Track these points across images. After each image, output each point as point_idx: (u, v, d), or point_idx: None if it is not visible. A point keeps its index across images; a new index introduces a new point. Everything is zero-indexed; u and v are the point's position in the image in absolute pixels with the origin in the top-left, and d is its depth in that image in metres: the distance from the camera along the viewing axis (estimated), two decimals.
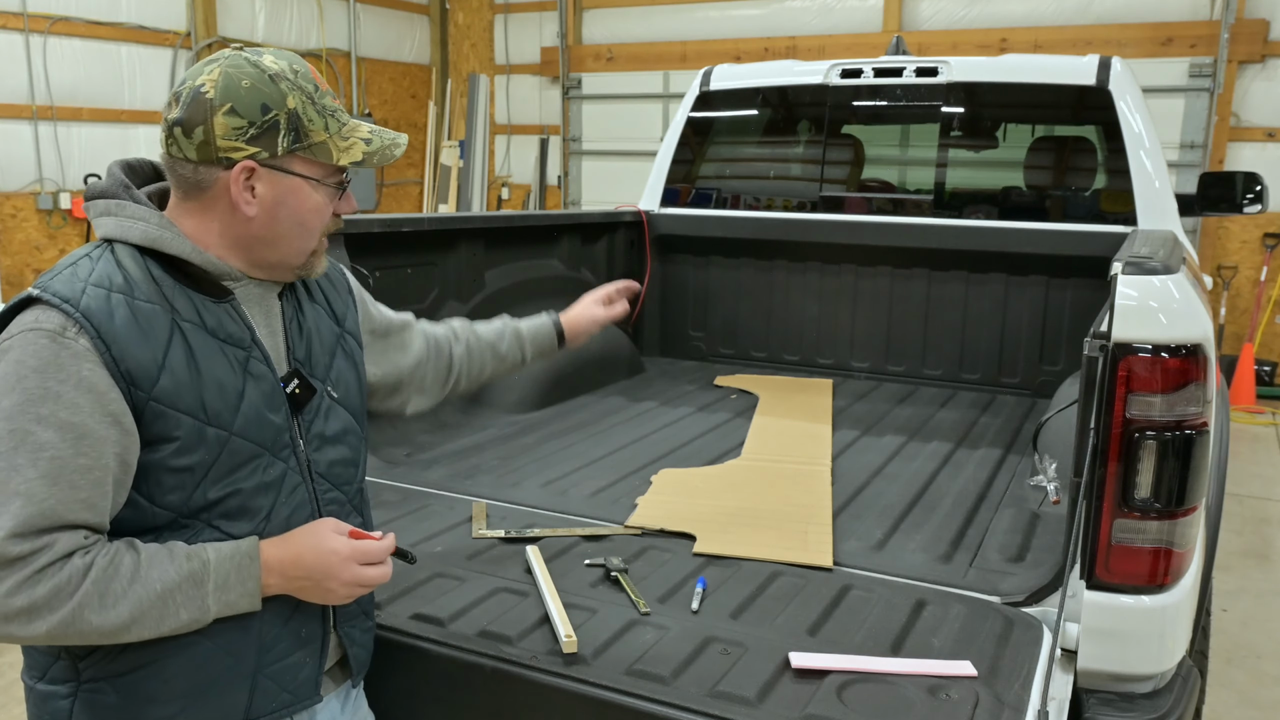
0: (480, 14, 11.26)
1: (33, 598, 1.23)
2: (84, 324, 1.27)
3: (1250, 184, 4.09)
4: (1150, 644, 1.78)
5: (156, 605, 1.30)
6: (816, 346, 4.17)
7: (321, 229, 1.46)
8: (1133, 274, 1.73)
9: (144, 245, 1.37)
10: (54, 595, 1.24)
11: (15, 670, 3.49)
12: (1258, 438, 6.93)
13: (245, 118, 1.35)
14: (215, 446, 1.35)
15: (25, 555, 1.23)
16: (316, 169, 1.42)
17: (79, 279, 1.32)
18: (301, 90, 1.40)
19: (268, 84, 1.37)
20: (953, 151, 3.97)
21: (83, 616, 1.25)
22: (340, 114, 1.44)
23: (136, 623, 1.29)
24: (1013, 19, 8.68)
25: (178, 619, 1.32)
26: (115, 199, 1.39)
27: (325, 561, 1.41)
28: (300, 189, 1.41)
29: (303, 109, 1.39)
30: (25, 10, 7.48)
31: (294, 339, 1.51)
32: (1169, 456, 1.71)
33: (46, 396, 1.25)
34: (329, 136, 1.41)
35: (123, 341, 1.29)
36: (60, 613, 1.24)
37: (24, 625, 1.24)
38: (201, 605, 1.33)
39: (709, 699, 1.57)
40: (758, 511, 2.41)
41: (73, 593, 1.25)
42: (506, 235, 3.60)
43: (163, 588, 1.30)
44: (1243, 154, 8.04)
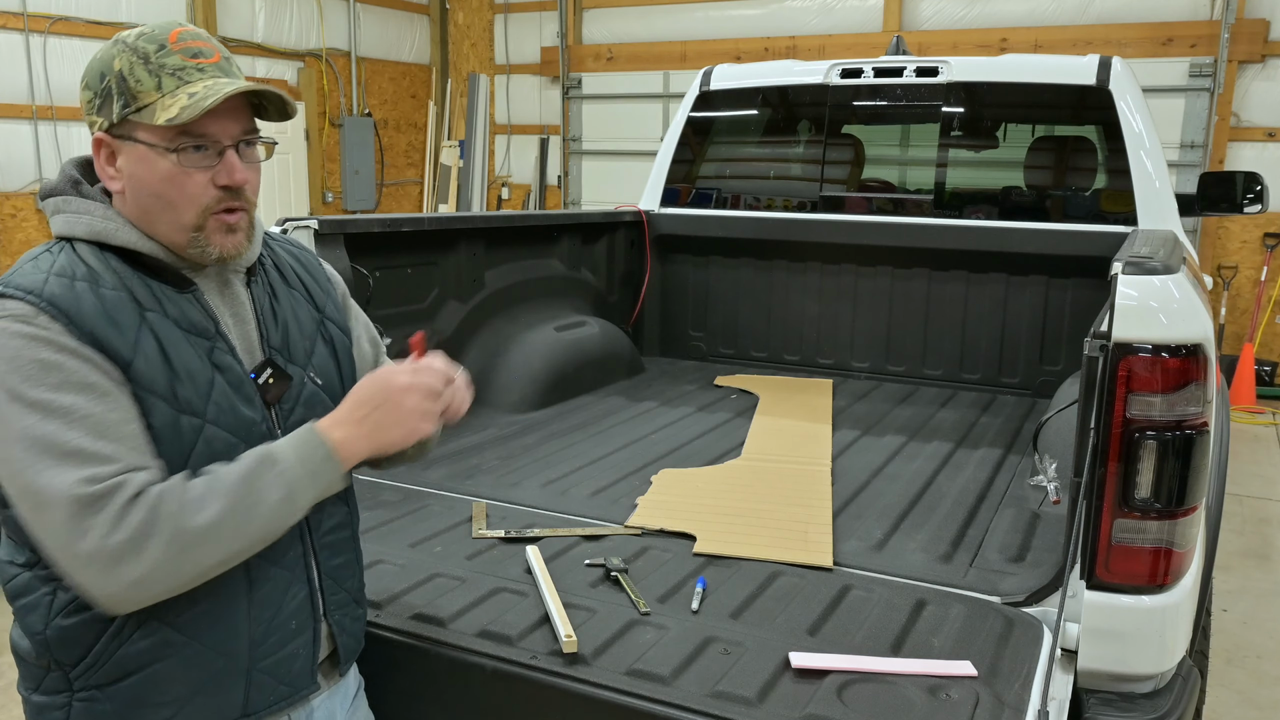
0: (480, 14, 11.26)
1: (131, 528, 1.20)
2: (52, 311, 1.25)
3: (1250, 184, 4.09)
4: (1150, 644, 1.78)
5: (244, 491, 1.27)
6: (816, 346, 4.17)
7: (191, 200, 1.33)
8: (1133, 274, 1.73)
9: (90, 239, 1.34)
10: (150, 517, 1.21)
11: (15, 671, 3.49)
12: (1258, 438, 6.93)
13: (91, 88, 1.34)
14: (191, 435, 1.32)
15: (105, 494, 1.21)
16: (155, 134, 1.31)
17: (40, 271, 1.29)
18: (135, 52, 1.31)
19: (107, 51, 1.34)
20: (953, 151, 3.96)
21: (183, 525, 1.22)
22: (189, 72, 1.32)
23: (234, 515, 1.26)
24: (1013, 19, 8.68)
25: (269, 501, 1.29)
26: (63, 195, 1.37)
27: (383, 383, 1.40)
28: (146, 157, 1.32)
29: (129, 70, 1.31)
30: (25, 10, 7.48)
31: (268, 326, 1.46)
32: (1169, 456, 1.71)
33: (48, 367, 1.23)
34: (160, 96, 1.30)
35: (92, 326, 1.26)
36: (163, 530, 1.21)
37: (135, 558, 1.20)
38: (286, 482, 1.31)
39: (709, 699, 1.57)
40: (758, 511, 2.41)
41: (165, 508, 1.22)
42: (506, 235, 3.60)
43: (240, 474, 1.28)
44: (1243, 154, 8.04)
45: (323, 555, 1.50)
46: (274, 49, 9.49)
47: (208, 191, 1.34)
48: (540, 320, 3.62)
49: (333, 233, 2.69)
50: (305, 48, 9.85)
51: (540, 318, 3.64)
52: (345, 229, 2.75)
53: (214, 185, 1.34)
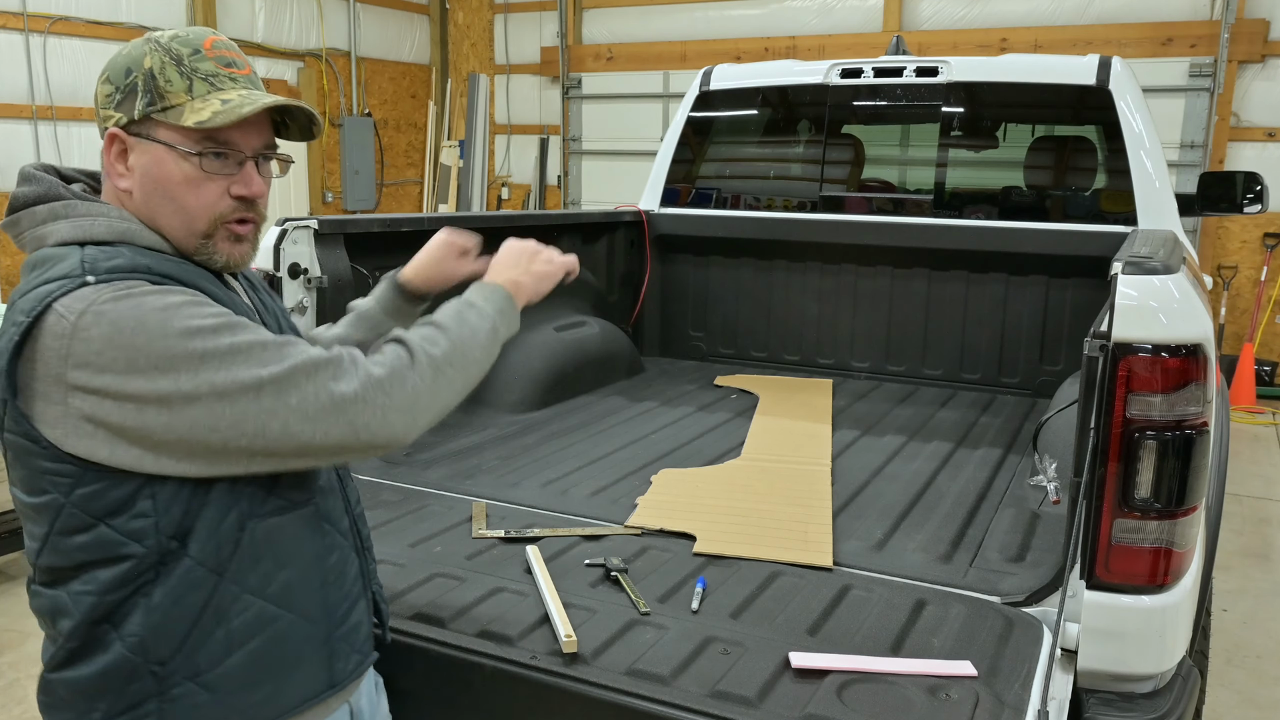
0: (480, 14, 11.26)
1: (386, 363, 1.31)
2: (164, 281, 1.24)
3: (1250, 184, 4.09)
4: (1150, 644, 1.78)
5: (460, 323, 1.44)
6: (816, 346, 4.17)
7: (204, 208, 1.32)
8: (1133, 274, 1.73)
9: (114, 240, 1.28)
10: (396, 355, 1.33)
11: (15, 670, 3.49)
12: (1258, 438, 6.93)
13: (113, 83, 1.31)
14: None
15: (343, 355, 1.29)
16: (177, 135, 1.30)
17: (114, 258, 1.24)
18: (167, 52, 1.31)
19: (136, 48, 1.32)
20: (953, 151, 3.96)
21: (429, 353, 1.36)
22: (221, 79, 1.32)
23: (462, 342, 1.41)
24: (1013, 19, 8.68)
25: (482, 331, 1.46)
26: (60, 200, 1.31)
27: (523, 245, 1.68)
28: (164, 158, 1.30)
29: (160, 69, 1.30)
30: (25, 10, 7.48)
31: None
32: (1169, 456, 1.71)
33: (198, 302, 1.23)
34: (189, 99, 1.30)
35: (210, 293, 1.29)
36: (416, 360, 1.34)
37: (401, 385, 1.30)
38: (488, 316, 1.49)
39: (709, 699, 1.57)
40: (758, 511, 2.41)
41: (405, 349, 1.35)
42: (506, 235, 3.59)
43: (451, 314, 1.46)
44: (1243, 154, 8.04)
45: (360, 527, 1.55)
46: (274, 49, 9.49)
47: (223, 200, 1.33)
48: (540, 320, 3.61)
49: (332, 233, 2.69)
50: (305, 48, 9.85)
51: (540, 318, 3.63)
52: (345, 229, 2.75)
53: (229, 195, 1.33)
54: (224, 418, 1.21)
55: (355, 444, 1.28)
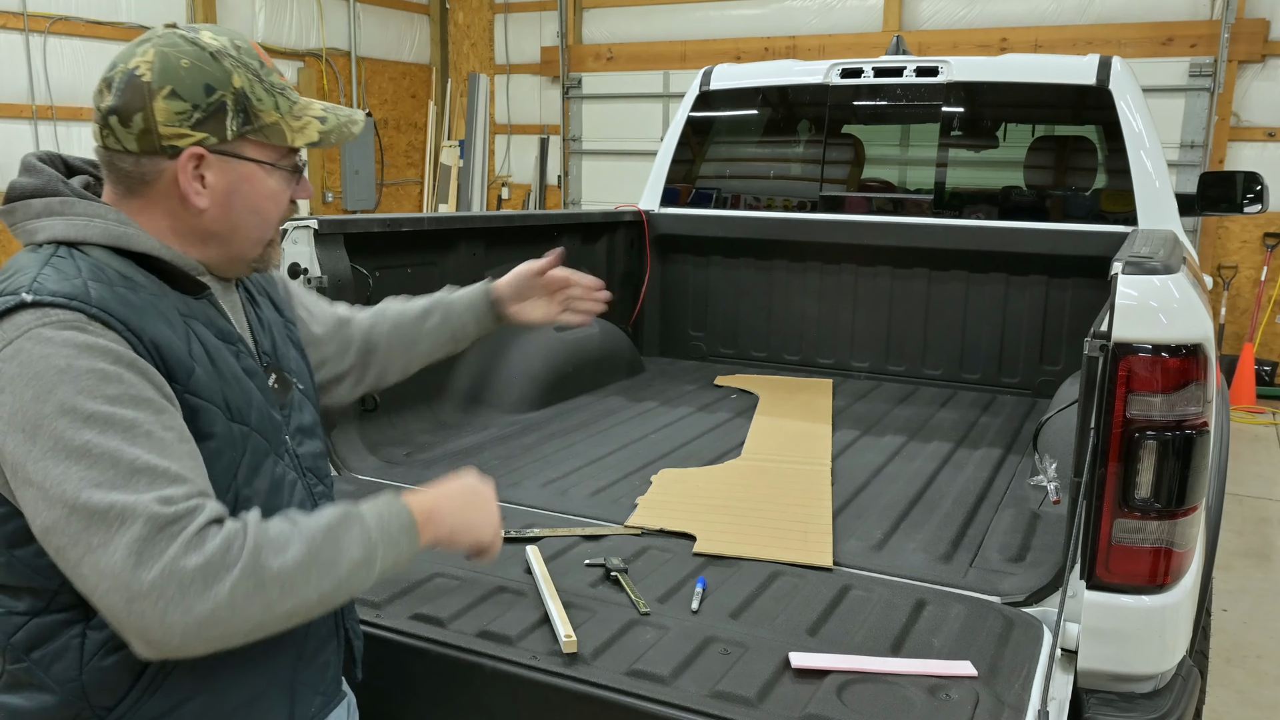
0: (480, 14, 11.26)
1: (206, 554, 1.09)
2: (105, 318, 1.15)
3: (1250, 184, 4.09)
4: (1150, 644, 1.78)
5: (327, 542, 1.20)
6: (816, 346, 4.17)
7: (279, 217, 1.36)
8: (1133, 274, 1.73)
9: (107, 244, 1.24)
10: (226, 548, 1.11)
11: None
12: (1258, 438, 6.93)
13: (188, 100, 1.24)
14: (240, 444, 1.28)
15: (181, 515, 1.10)
16: (269, 152, 1.31)
17: (69, 276, 1.18)
18: (247, 67, 1.29)
19: (210, 62, 1.26)
20: (953, 151, 3.97)
21: (261, 563, 1.13)
22: (289, 92, 1.34)
23: (314, 565, 1.17)
24: (1013, 19, 8.68)
25: (350, 558, 1.22)
26: (58, 196, 1.26)
27: (479, 487, 1.46)
28: (254, 175, 1.30)
29: (250, 88, 1.28)
30: (25, 10, 7.48)
31: (259, 333, 1.44)
32: (1169, 456, 1.71)
33: (106, 378, 1.12)
34: (280, 116, 1.30)
35: (152, 331, 1.19)
36: (239, 564, 1.11)
37: (203, 591, 1.08)
38: (368, 542, 1.24)
39: (709, 699, 1.57)
40: (758, 511, 2.41)
41: (244, 542, 1.13)
42: (506, 235, 3.60)
43: (326, 524, 1.22)
44: (1243, 154, 8.04)
45: None
46: (274, 49, 9.49)
47: (288, 208, 1.37)
48: None
49: (332, 233, 2.68)
50: (305, 47, 9.85)
51: None
52: (345, 229, 2.74)
53: (290, 202, 1.38)
54: (43, 516, 1.11)
55: (122, 626, 1.11)
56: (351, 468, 2.64)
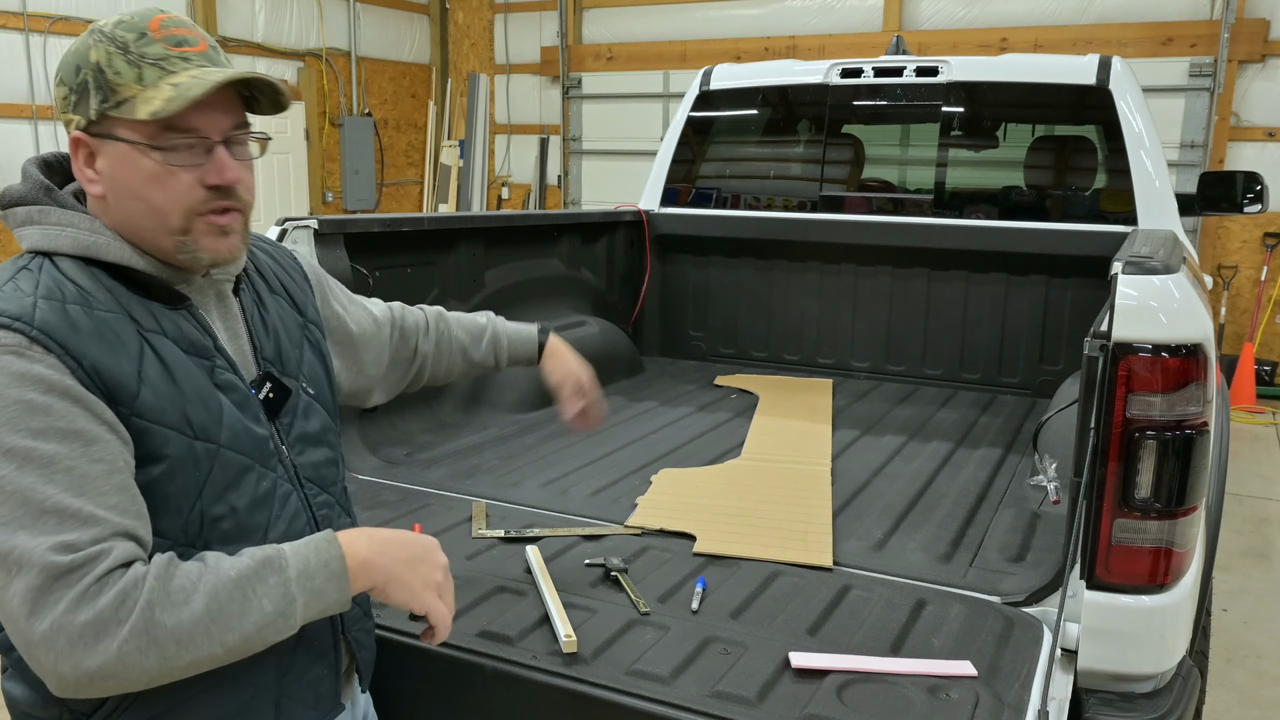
0: (480, 13, 11.26)
1: (96, 609, 1.06)
2: (45, 341, 1.12)
3: (1250, 184, 4.09)
4: (1150, 644, 1.78)
5: (234, 595, 1.12)
6: (816, 346, 4.17)
7: (176, 203, 1.22)
8: (1133, 273, 1.73)
9: (76, 254, 1.21)
10: (119, 602, 1.07)
11: None
12: (1258, 438, 6.93)
13: (66, 84, 1.21)
14: (206, 462, 1.23)
15: (79, 565, 1.06)
16: (136, 130, 1.19)
17: (24, 294, 1.15)
18: (113, 41, 1.20)
19: (83, 41, 1.22)
20: (953, 151, 3.97)
21: (155, 619, 1.07)
22: (169, 62, 1.20)
23: (216, 621, 1.11)
24: (1013, 19, 8.68)
25: (261, 611, 1.14)
26: (37, 204, 1.23)
27: (428, 544, 1.33)
28: (127, 156, 1.20)
29: (107, 61, 1.19)
30: (25, 10, 7.48)
31: (260, 338, 1.38)
32: (1169, 456, 1.71)
33: (33, 410, 1.10)
34: (141, 89, 1.18)
35: (93, 355, 1.15)
36: (129, 621, 1.06)
37: (92, 646, 1.06)
38: (285, 594, 1.16)
39: (709, 699, 1.57)
40: (758, 511, 2.41)
41: (139, 596, 1.07)
42: (506, 235, 3.60)
43: (237, 574, 1.14)
44: (1243, 154, 8.04)
45: None
46: (274, 49, 9.49)
47: (194, 192, 1.22)
48: (540, 320, 3.61)
49: (332, 232, 2.68)
50: (305, 47, 9.85)
51: (540, 318, 3.61)
52: (345, 229, 2.75)
53: (202, 185, 1.22)
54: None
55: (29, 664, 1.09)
56: (351, 468, 2.64)
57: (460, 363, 1.93)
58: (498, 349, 1.95)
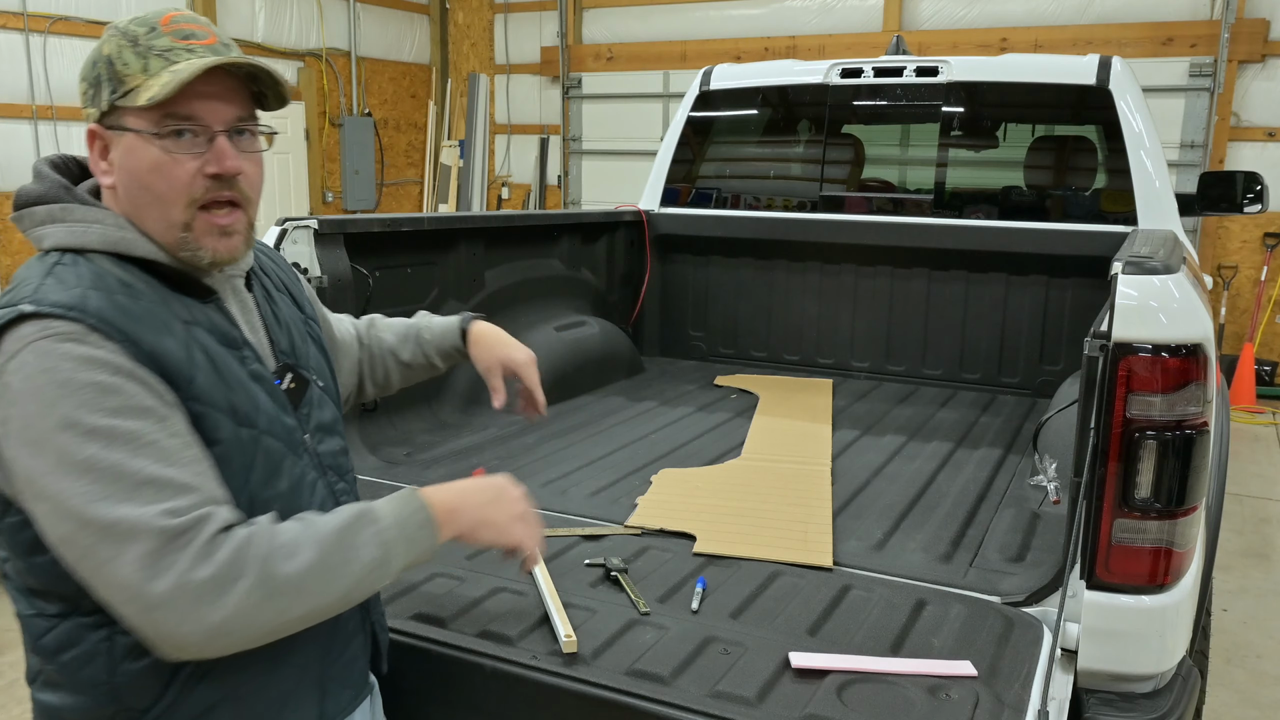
0: (480, 13, 11.26)
1: (215, 564, 1.11)
2: (104, 328, 1.15)
3: (1250, 184, 4.09)
4: (1150, 644, 1.78)
5: (338, 545, 1.20)
6: (816, 346, 4.17)
7: (178, 192, 1.23)
8: (1133, 273, 1.73)
9: (106, 249, 1.23)
10: (236, 557, 1.12)
11: (15, 670, 3.49)
12: (1258, 438, 6.93)
13: (85, 79, 1.25)
14: (250, 448, 1.27)
15: (189, 527, 1.11)
16: (140, 119, 1.22)
17: (69, 285, 1.17)
18: (124, 35, 1.23)
19: (100, 39, 1.26)
20: (953, 151, 3.96)
21: (271, 571, 1.14)
22: (174, 53, 1.22)
23: (325, 569, 1.18)
24: (1013, 19, 8.68)
25: (361, 559, 1.22)
26: (59, 203, 1.25)
27: (502, 484, 1.42)
28: (134, 146, 1.22)
29: (117, 53, 1.22)
30: (25, 10, 7.48)
31: (275, 331, 1.42)
32: (1169, 456, 1.71)
33: (106, 390, 1.12)
34: (146, 78, 1.21)
35: (149, 340, 1.18)
36: (248, 574, 1.12)
37: (214, 601, 1.10)
38: (382, 543, 1.24)
39: (709, 699, 1.56)
40: (758, 511, 2.41)
41: (253, 550, 1.14)
42: (506, 235, 3.60)
43: (337, 526, 1.22)
44: (1243, 154, 8.04)
45: None
46: (274, 49, 9.49)
47: (196, 181, 1.23)
48: (540, 320, 3.62)
49: (332, 232, 2.69)
50: (305, 48, 9.85)
51: (540, 318, 3.64)
52: (345, 229, 2.75)
53: (203, 174, 1.23)
54: (55, 529, 1.13)
55: (142, 634, 1.14)
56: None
57: (395, 368, 1.88)
58: (423, 346, 1.88)
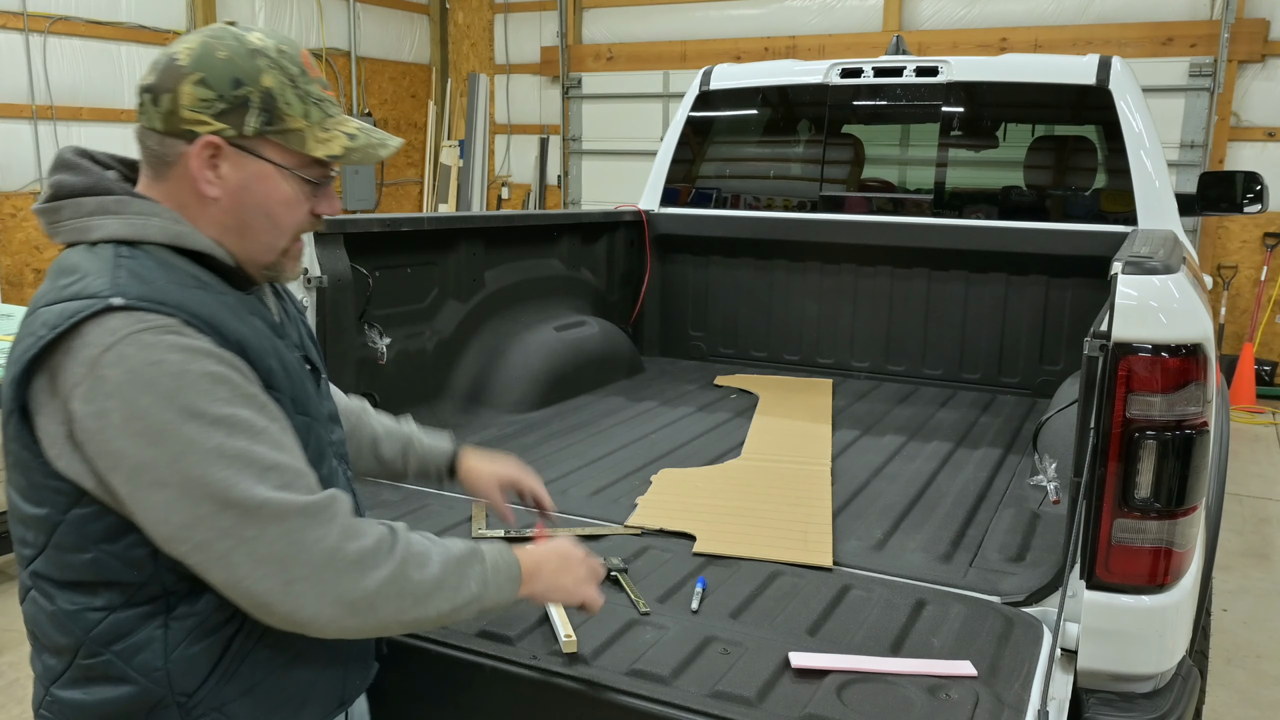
0: (480, 13, 11.26)
1: (362, 545, 1.21)
2: (194, 321, 1.19)
3: (1250, 183, 4.09)
4: (1150, 644, 1.78)
5: (456, 569, 1.30)
6: (816, 346, 4.17)
7: (294, 226, 1.34)
8: (1133, 273, 1.73)
9: (166, 242, 1.25)
10: (379, 545, 1.22)
11: (15, 670, 3.49)
12: (1258, 438, 6.93)
13: (214, 90, 1.25)
14: (305, 435, 1.32)
15: (328, 504, 1.21)
16: (289, 157, 1.30)
17: (145, 279, 1.20)
18: (282, 70, 1.29)
19: (245, 58, 1.27)
20: (953, 151, 3.96)
21: (405, 573, 1.23)
22: (328, 105, 1.33)
23: (443, 588, 1.28)
24: (1013, 18, 8.68)
25: (466, 590, 1.31)
26: (110, 195, 1.27)
27: (564, 549, 1.51)
28: (269, 176, 1.29)
29: (280, 90, 1.28)
30: (25, 10, 7.48)
31: (288, 326, 1.46)
32: (1169, 456, 1.71)
33: (218, 380, 1.17)
34: (307, 125, 1.30)
35: (233, 330, 1.23)
36: (388, 566, 1.22)
37: (359, 578, 1.19)
38: (483, 580, 1.34)
39: (709, 699, 1.57)
40: (758, 511, 2.41)
41: (397, 545, 1.24)
42: (506, 235, 3.60)
43: (458, 552, 1.32)
44: (1243, 154, 8.04)
45: None
46: None
47: (307, 219, 1.36)
48: (540, 320, 3.62)
49: (332, 232, 2.68)
50: (305, 47, 9.82)
51: (540, 318, 3.64)
52: (344, 229, 2.74)
53: (312, 214, 1.36)
54: (178, 515, 1.15)
55: (274, 607, 1.18)
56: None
57: (368, 454, 1.83)
58: (409, 453, 1.85)
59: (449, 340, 3.24)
